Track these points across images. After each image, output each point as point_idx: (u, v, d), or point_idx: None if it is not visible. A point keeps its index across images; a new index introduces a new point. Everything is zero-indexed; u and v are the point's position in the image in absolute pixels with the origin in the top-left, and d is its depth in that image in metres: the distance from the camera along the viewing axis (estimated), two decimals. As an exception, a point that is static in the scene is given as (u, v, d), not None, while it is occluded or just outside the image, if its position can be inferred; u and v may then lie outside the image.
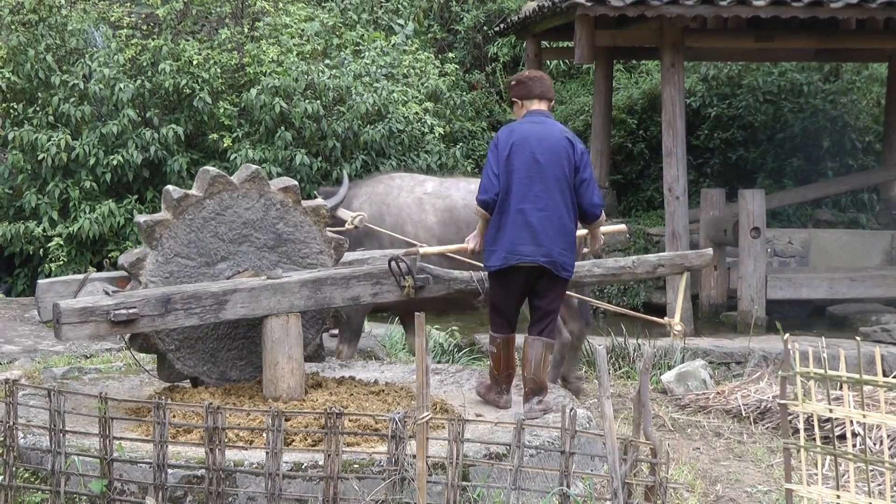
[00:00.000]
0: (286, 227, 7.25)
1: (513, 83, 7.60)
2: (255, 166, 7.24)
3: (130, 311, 6.54)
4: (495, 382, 7.46)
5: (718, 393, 8.92)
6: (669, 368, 9.80)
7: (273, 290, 7.00)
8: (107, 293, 6.75)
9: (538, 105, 7.48)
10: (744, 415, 8.52)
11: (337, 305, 7.39)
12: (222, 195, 7.05)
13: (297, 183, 7.38)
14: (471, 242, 7.54)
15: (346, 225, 8.76)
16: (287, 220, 7.26)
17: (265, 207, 7.18)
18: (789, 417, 5.67)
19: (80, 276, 7.05)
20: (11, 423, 5.91)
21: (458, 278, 7.59)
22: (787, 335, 5.60)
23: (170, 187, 7.10)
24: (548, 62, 19.11)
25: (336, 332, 10.10)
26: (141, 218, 6.98)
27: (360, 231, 8.91)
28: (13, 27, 13.95)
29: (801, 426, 5.63)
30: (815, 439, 5.54)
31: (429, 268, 7.54)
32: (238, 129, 13.70)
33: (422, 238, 8.91)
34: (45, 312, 6.90)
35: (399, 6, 18.29)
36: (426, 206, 9.24)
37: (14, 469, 5.92)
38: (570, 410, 5.58)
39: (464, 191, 9.21)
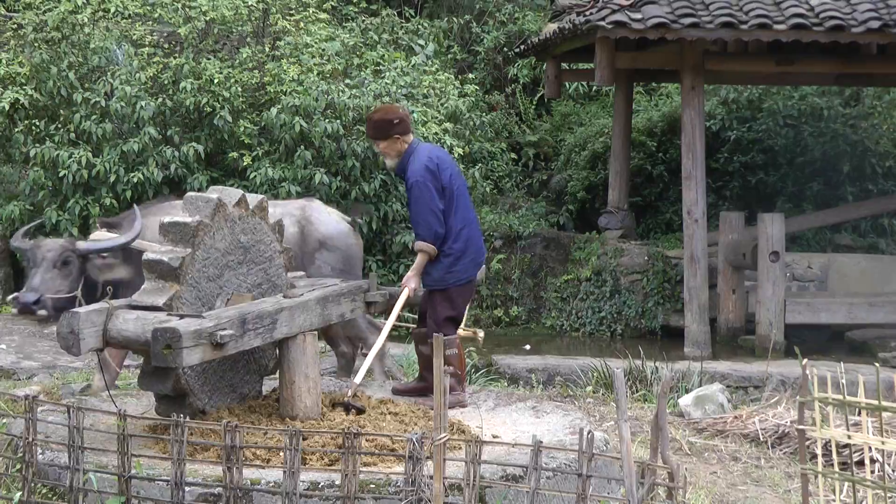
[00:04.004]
0: (245, 235, 7.11)
1: (395, 121, 7.93)
2: (214, 196, 6.91)
3: (229, 332, 6.41)
4: (458, 382, 7.87)
5: (736, 417, 8.89)
6: (687, 392, 9.78)
7: (302, 309, 7.06)
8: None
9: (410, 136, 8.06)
10: (761, 439, 8.50)
11: (332, 322, 7.59)
12: (204, 240, 6.79)
13: (243, 192, 7.21)
14: (412, 282, 7.97)
15: None
16: (245, 230, 7.12)
17: (231, 230, 7.00)
18: (807, 443, 5.65)
19: (105, 305, 6.64)
20: (31, 439, 5.93)
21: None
22: (805, 360, 5.59)
23: (154, 256, 6.69)
24: (567, 84, 19.13)
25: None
26: (159, 302, 6.55)
27: None
28: (36, 45, 14.04)
29: (819, 452, 5.61)
30: (833, 465, 5.53)
31: (385, 289, 8.09)
32: (258, 148, 13.74)
33: None
34: (84, 344, 6.42)
35: (419, 27, 18.33)
36: None
37: (32, 485, 5.94)
38: (588, 433, 5.57)
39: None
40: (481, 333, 8.48)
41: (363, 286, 7.93)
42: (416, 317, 8.50)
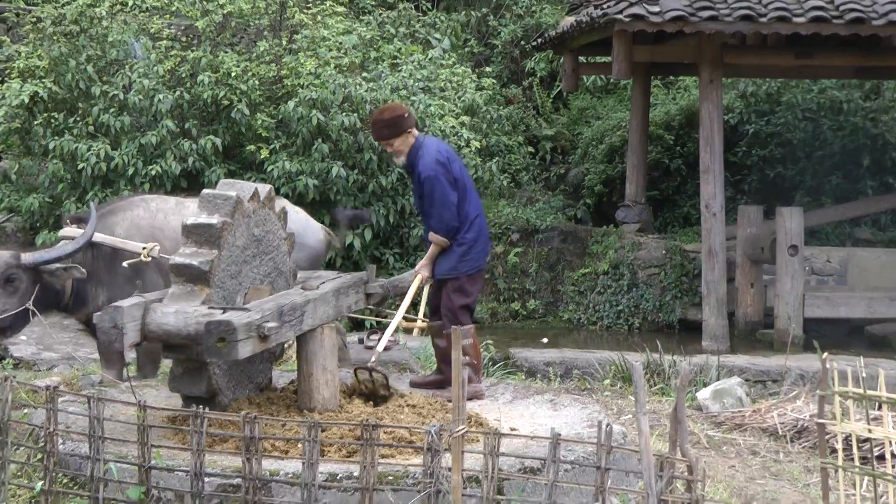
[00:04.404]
0: (258, 228, 7.09)
1: (405, 115, 8.12)
2: (233, 194, 6.80)
3: (273, 324, 6.41)
4: (475, 372, 7.96)
5: (754, 411, 8.86)
6: (705, 385, 9.74)
7: (323, 301, 7.09)
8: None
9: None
10: (780, 433, 8.46)
11: (342, 314, 7.64)
12: (227, 238, 6.73)
13: (256, 186, 7.12)
14: (425, 271, 8.07)
15: (142, 256, 7.83)
16: (257, 222, 7.10)
17: (246, 225, 6.97)
18: (827, 437, 5.63)
19: (141, 299, 6.55)
20: (52, 430, 5.96)
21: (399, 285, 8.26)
22: (825, 354, 5.57)
23: (182, 260, 6.60)
24: (585, 77, 19.08)
25: (373, 341, 10.14)
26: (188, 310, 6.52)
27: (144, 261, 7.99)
28: (55, 38, 14.08)
29: (839, 446, 5.59)
30: (853, 460, 5.52)
31: (381, 280, 8.17)
32: (275, 141, 13.75)
33: None
34: (127, 339, 6.33)
35: (436, 20, 18.32)
36: None
37: (54, 475, 5.97)
38: (607, 426, 5.56)
39: None
40: (421, 323, 8.48)
41: (363, 278, 7.96)
42: (417, 316, 8.54)
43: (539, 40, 17.32)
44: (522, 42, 19.73)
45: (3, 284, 7.61)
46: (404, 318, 8.39)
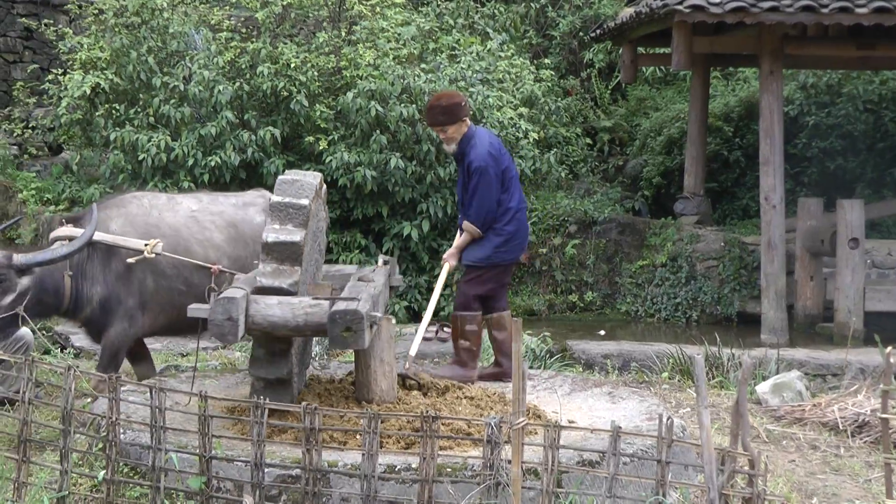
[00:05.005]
0: (313, 221, 7.05)
1: (462, 103, 8.20)
2: (305, 202, 6.74)
3: (378, 314, 6.49)
4: (472, 359, 8.23)
5: (815, 405, 8.79)
6: (764, 379, 9.67)
7: (381, 292, 7.19)
8: None
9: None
10: (841, 428, 8.38)
11: (384, 307, 7.68)
12: (302, 242, 6.68)
13: (314, 182, 6.94)
14: (453, 260, 8.29)
15: (145, 253, 7.71)
16: (315, 216, 7.09)
17: (310, 226, 6.93)
18: (890, 432, 5.58)
19: (243, 290, 6.48)
20: (114, 419, 6.02)
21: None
22: (889, 348, 5.51)
23: (270, 282, 6.57)
24: (644, 69, 18.99)
25: (447, 332, 10.24)
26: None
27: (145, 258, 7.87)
28: (116, 29, 14.21)
29: (902, 441, 5.54)
30: (916, 455, 5.45)
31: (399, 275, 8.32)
32: (334, 132, 13.79)
33: (212, 258, 7.99)
34: (239, 331, 6.32)
35: (495, 11, 18.29)
36: (205, 223, 8.21)
37: (116, 464, 6.03)
38: (667, 419, 5.54)
39: (231, 206, 8.42)
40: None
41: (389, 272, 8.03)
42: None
43: (597, 31, 17.23)
44: (581, 33, 19.65)
45: None
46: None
